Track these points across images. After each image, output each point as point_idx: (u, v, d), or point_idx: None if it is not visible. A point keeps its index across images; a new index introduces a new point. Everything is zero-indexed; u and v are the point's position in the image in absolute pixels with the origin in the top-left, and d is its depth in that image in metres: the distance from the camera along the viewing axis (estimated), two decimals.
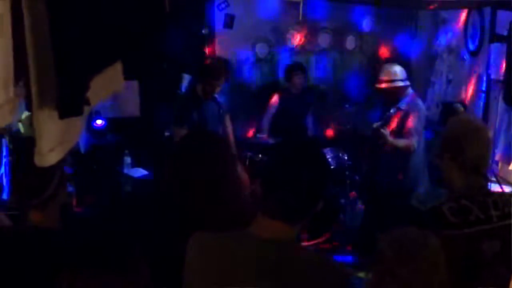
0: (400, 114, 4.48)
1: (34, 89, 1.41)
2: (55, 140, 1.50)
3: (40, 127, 1.45)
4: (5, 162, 3.71)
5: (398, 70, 4.60)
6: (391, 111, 4.49)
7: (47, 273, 1.91)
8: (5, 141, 3.75)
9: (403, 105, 4.49)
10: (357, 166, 5.56)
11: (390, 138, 4.41)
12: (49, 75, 1.41)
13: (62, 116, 1.42)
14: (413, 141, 4.41)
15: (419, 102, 4.69)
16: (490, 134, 2.22)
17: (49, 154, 1.48)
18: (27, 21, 1.34)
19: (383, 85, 4.57)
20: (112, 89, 1.80)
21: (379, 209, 4.71)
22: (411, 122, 4.44)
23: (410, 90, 4.59)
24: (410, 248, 1.66)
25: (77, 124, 1.59)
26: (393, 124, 4.49)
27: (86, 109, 1.55)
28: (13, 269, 1.90)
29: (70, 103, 1.44)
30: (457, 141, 2.14)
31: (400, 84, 4.54)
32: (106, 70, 1.69)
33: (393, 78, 4.54)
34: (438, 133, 4.83)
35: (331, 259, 1.64)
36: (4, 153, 3.72)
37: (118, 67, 1.82)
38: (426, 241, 1.68)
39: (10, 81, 1.33)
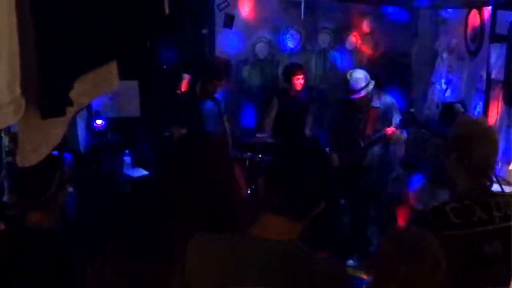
0: (377, 111, 4.74)
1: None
2: (39, 140, 1.47)
3: (24, 126, 1.42)
4: (5, 163, 3.70)
5: (362, 76, 4.72)
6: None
7: (47, 274, 1.92)
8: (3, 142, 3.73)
9: (376, 103, 4.77)
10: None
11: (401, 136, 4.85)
12: (33, 73, 1.37)
13: (44, 116, 1.41)
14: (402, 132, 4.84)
15: (385, 94, 4.93)
16: (497, 136, 2.21)
17: (31, 154, 1.45)
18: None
19: (356, 96, 4.71)
20: (103, 89, 1.76)
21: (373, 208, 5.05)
22: (392, 115, 4.78)
23: (373, 87, 4.77)
24: (411, 248, 1.66)
25: (60, 125, 1.56)
26: (373, 122, 4.78)
27: (71, 110, 1.51)
28: (15, 269, 1.90)
29: (51, 104, 1.41)
30: (465, 142, 2.13)
31: (370, 88, 4.71)
32: (98, 70, 1.66)
33: (362, 86, 4.68)
34: (438, 132, 4.85)
35: (332, 259, 1.63)
36: (4, 154, 3.71)
37: (111, 67, 1.79)
38: (427, 240, 1.68)
39: (17, 80, 1.29)
